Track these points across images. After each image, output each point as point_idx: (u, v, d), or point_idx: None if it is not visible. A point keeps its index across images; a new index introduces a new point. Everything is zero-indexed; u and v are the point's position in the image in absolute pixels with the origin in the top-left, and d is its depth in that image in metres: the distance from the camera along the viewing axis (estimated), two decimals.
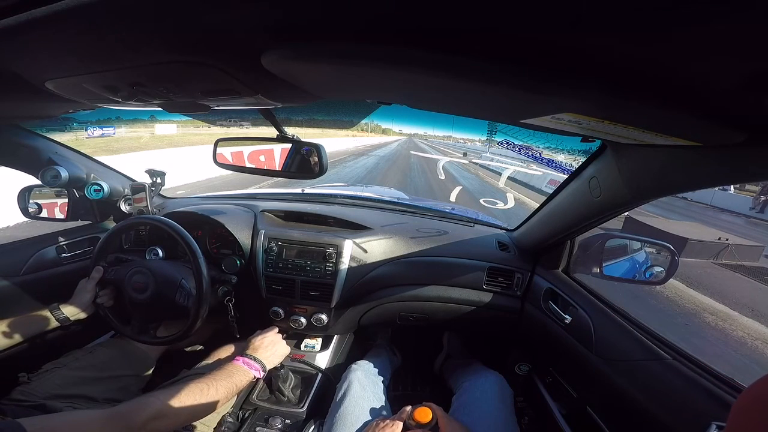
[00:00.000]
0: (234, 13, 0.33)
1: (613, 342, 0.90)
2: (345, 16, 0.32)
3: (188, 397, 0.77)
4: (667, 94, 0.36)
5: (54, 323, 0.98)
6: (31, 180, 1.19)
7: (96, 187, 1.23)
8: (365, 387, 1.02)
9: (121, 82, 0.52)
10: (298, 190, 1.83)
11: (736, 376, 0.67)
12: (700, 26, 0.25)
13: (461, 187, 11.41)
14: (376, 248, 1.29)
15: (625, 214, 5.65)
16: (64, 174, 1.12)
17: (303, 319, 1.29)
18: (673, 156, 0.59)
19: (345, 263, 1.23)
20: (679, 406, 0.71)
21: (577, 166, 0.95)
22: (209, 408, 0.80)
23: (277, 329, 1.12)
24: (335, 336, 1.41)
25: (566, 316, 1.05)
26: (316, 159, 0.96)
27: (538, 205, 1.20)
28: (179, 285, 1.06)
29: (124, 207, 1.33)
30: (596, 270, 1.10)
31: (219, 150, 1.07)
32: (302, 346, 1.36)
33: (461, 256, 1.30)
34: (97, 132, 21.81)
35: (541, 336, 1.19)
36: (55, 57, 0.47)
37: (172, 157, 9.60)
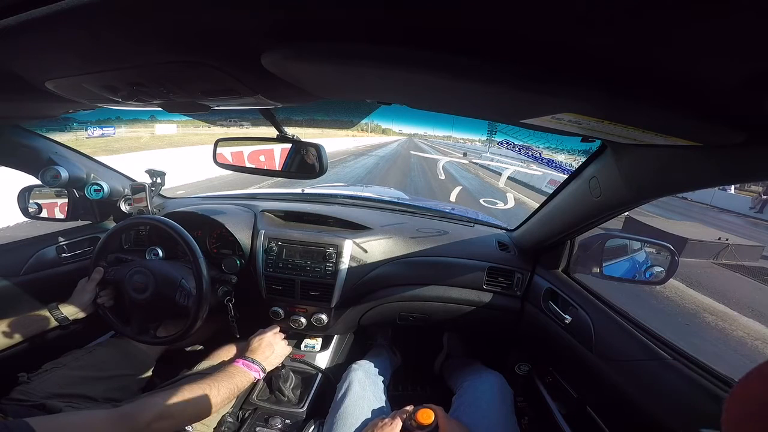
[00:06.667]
0: (234, 13, 0.33)
1: (613, 342, 0.90)
2: (345, 16, 0.32)
3: (191, 397, 0.77)
4: (667, 94, 0.36)
5: (53, 323, 0.98)
6: (31, 180, 1.19)
7: (96, 187, 1.23)
8: (365, 387, 1.02)
9: (120, 82, 0.52)
10: (298, 190, 1.83)
11: (736, 376, 0.67)
12: (700, 26, 0.25)
13: (461, 187, 11.41)
14: (376, 248, 1.29)
15: (625, 214, 5.65)
16: (64, 174, 1.11)
17: (303, 319, 1.29)
18: (673, 156, 0.59)
19: (345, 263, 1.23)
20: (678, 406, 0.71)
21: (577, 166, 0.95)
22: (211, 409, 0.81)
23: (276, 329, 1.12)
24: (335, 336, 1.41)
25: (566, 316, 1.05)
26: (316, 159, 0.96)
27: (538, 205, 1.20)
28: (179, 285, 1.06)
29: (124, 207, 1.33)
30: (596, 270, 1.10)
31: (219, 150, 1.07)
32: (302, 346, 1.36)
33: (461, 256, 1.30)
34: (97, 132, 21.75)
35: (541, 336, 1.19)
36: (55, 57, 0.47)
37: (172, 157, 9.61)
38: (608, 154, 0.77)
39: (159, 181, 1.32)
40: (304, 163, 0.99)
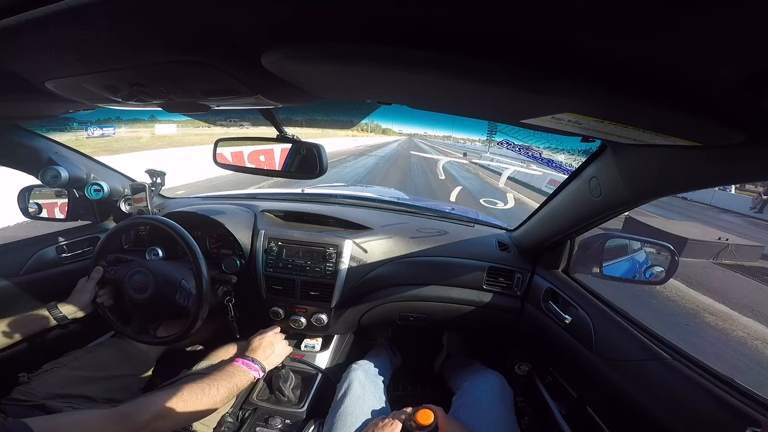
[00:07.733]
0: (234, 13, 0.33)
1: (613, 342, 0.90)
2: (345, 16, 0.32)
3: (190, 397, 0.77)
4: (667, 93, 0.36)
5: (52, 322, 0.98)
6: (31, 180, 1.19)
7: (96, 187, 1.23)
8: (365, 387, 1.02)
9: (120, 82, 0.52)
10: (298, 190, 1.83)
11: (735, 376, 0.68)
12: (700, 26, 0.25)
13: (461, 187, 11.40)
14: (376, 248, 1.29)
15: (625, 214, 5.65)
16: (64, 174, 1.11)
17: (303, 319, 1.29)
18: (673, 156, 0.59)
19: (345, 263, 1.23)
20: (678, 405, 0.71)
21: (577, 166, 0.95)
22: (210, 408, 0.81)
23: (277, 329, 1.12)
24: (335, 336, 1.41)
25: (566, 316, 1.05)
26: (316, 159, 0.96)
27: (538, 205, 1.20)
28: (179, 285, 1.06)
29: (124, 207, 1.33)
30: (596, 270, 1.10)
31: (219, 150, 1.07)
32: (302, 346, 1.36)
33: (461, 256, 1.30)
34: (97, 132, 21.75)
35: (541, 336, 1.19)
36: (55, 57, 0.47)
37: (172, 157, 9.60)
38: (608, 154, 0.77)
39: (159, 181, 1.32)
40: (304, 163, 0.99)
